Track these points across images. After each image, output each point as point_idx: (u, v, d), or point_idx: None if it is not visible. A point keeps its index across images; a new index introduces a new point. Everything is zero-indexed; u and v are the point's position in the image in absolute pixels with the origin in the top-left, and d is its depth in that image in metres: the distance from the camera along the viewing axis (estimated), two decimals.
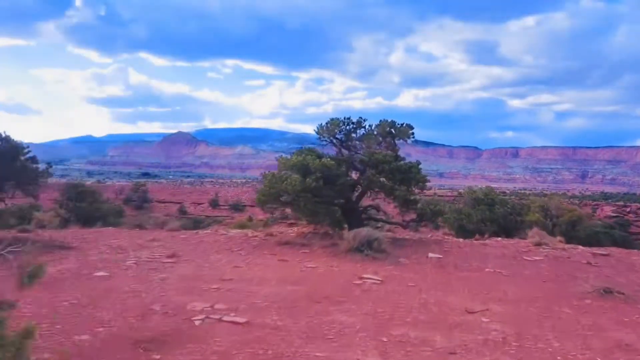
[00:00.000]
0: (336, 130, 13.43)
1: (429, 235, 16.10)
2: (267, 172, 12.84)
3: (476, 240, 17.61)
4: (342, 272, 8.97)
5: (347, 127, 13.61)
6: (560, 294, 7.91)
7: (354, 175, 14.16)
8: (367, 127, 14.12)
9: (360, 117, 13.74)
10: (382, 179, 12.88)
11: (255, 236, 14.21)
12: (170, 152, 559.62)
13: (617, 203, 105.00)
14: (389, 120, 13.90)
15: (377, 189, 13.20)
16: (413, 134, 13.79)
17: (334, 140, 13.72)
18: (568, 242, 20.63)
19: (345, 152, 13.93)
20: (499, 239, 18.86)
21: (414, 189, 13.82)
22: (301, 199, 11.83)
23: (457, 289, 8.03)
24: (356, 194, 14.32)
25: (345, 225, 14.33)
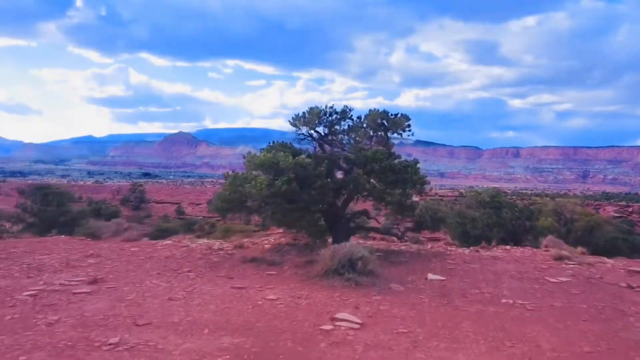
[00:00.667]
0: (316, 122, 11.06)
1: (428, 247, 13.74)
2: (230, 171, 10.49)
3: (483, 249, 15.42)
4: (310, 307, 6.62)
5: (330, 118, 11.24)
6: (614, 346, 5.55)
7: (340, 175, 11.80)
8: (354, 118, 11.77)
9: (346, 106, 11.39)
10: (371, 181, 10.51)
11: (221, 249, 11.88)
12: (171, 152, 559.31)
13: (619, 203, 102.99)
14: (380, 110, 11.55)
15: (365, 193, 10.84)
16: (410, 126, 11.43)
17: (314, 134, 11.35)
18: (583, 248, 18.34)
19: (327, 148, 11.57)
20: (508, 247, 16.71)
21: (410, 192, 11.47)
22: (269, 205, 9.48)
23: (468, 337, 5.67)
24: (343, 198, 11.97)
25: (330, 236, 12.03)
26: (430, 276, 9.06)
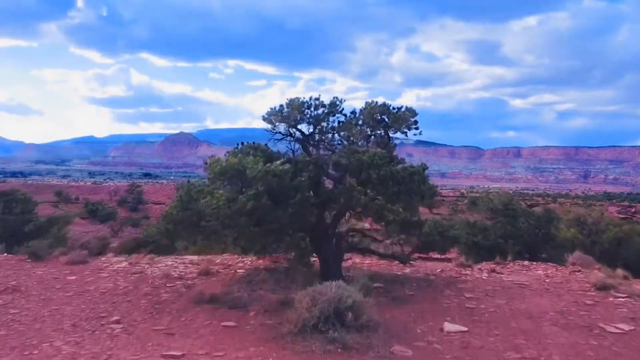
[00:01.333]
0: (298, 117, 8.65)
1: (438, 270, 11.32)
2: (186, 180, 8.09)
3: (499, 265, 13.26)
4: None
5: (315, 113, 8.83)
6: None
7: (329, 184, 9.39)
8: (347, 113, 9.38)
9: (336, 98, 8.96)
10: (368, 193, 8.09)
11: (180, 277, 9.49)
12: (171, 153, 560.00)
13: (622, 203, 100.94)
14: (380, 103, 9.16)
15: (359, 209, 8.42)
16: (416, 122, 9.04)
17: (296, 133, 8.93)
18: (611, 263, 16.26)
19: (313, 150, 9.16)
20: (526, 262, 14.56)
21: (417, 205, 9.10)
22: (229, 228, 7.08)
23: None
24: (333, 212, 9.56)
25: (316, 258, 9.64)
26: (448, 326, 6.65)
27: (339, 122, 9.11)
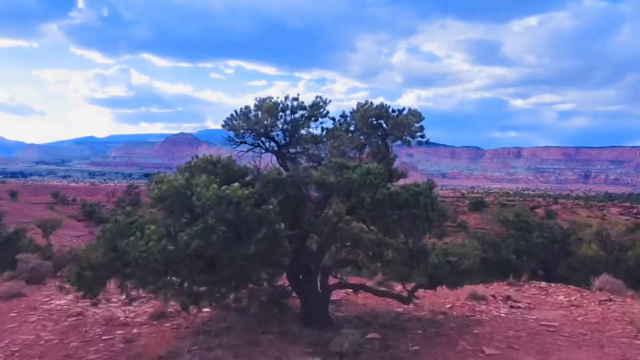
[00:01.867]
0: (269, 122, 6.70)
1: (446, 305, 9.37)
2: (119, 212, 6.13)
3: (513, 288, 11.73)
4: None
5: (293, 117, 6.89)
6: None
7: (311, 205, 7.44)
8: (335, 118, 7.45)
9: (319, 97, 7.02)
10: (358, 223, 6.15)
11: (126, 324, 7.55)
12: (172, 153, 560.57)
13: (624, 204, 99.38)
14: (376, 105, 7.21)
15: (348, 244, 6.47)
16: (422, 128, 7.10)
17: (266, 143, 6.98)
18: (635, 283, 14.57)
19: (290, 165, 7.20)
20: (544, 284, 12.97)
21: (424, 235, 7.17)
22: (165, 276, 5.14)
23: None
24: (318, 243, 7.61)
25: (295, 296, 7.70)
26: None
27: (322, 128, 7.17)
